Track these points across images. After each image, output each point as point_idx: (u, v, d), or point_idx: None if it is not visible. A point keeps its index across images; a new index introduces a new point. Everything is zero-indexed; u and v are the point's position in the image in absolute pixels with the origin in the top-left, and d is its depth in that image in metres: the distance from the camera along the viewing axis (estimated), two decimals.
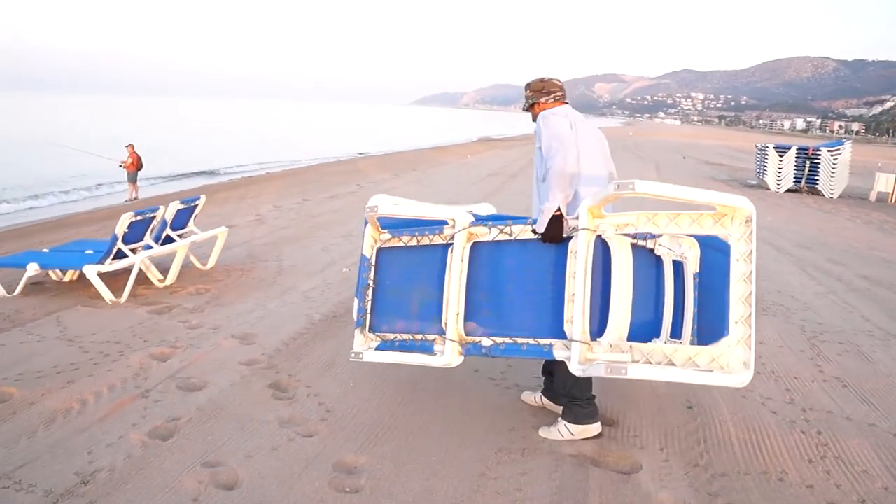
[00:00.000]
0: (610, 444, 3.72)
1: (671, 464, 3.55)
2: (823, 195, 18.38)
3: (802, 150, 18.91)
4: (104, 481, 3.23)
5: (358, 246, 8.94)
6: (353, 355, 4.06)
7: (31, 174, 23.05)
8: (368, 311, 4.17)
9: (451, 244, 3.87)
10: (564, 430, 3.79)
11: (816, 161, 18.61)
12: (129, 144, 17.76)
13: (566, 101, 4.03)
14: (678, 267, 3.72)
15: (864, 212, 15.43)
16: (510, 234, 3.76)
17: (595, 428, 3.81)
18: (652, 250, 3.65)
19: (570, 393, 3.77)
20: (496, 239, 3.80)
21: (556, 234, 3.58)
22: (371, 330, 4.15)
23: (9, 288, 6.45)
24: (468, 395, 4.31)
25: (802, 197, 17.91)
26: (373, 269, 4.19)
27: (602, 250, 3.47)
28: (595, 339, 3.37)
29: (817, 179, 18.62)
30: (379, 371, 4.63)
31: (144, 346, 5.04)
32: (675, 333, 3.66)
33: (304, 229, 10.40)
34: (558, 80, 4.06)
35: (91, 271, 6.13)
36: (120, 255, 6.41)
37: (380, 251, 4.20)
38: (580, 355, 3.34)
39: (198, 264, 7.61)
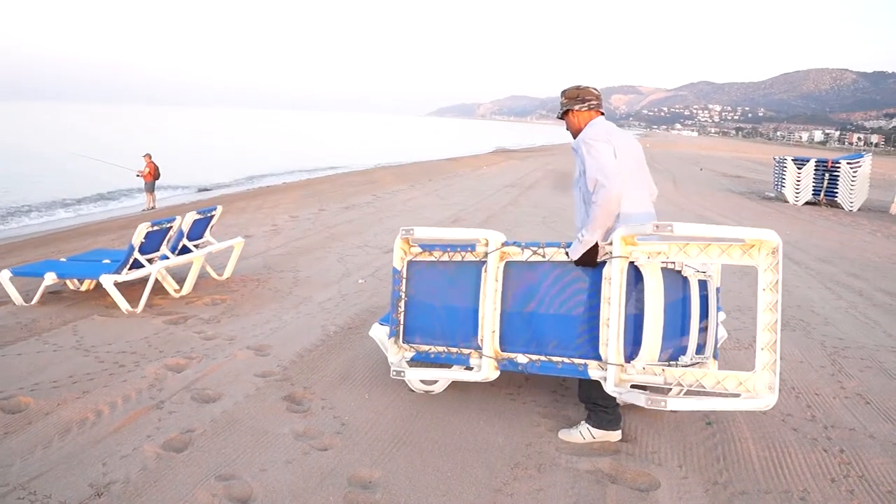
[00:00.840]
0: (628, 461, 3.67)
1: (690, 481, 3.49)
2: (843, 208, 18.21)
3: (821, 163, 18.76)
4: (118, 493, 3.21)
5: (373, 257, 8.97)
6: (393, 373, 4.13)
7: (49, 184, 23.31)
8: (401, 322, 4.24)
9: (485, 262, 3.96)
10: (586, 433, 3.85)
11: (836, 174, 18.45)
12: (147, 154, 17.93)
13: (601, 110, 4.03)
14: (703, 284, 3.83)
15: (885, 225, 15.25)
16: (543, 256, 3.84)
17: (616, 434, 3.86)
18: (679, 271, 3.74)
19: (594, 400, 3.82)
20: (529, 260, 3.88)
21: (589, 261, 3.67)
22: (404, 341, 4.25)
23: (26, 297, 6.49)
24: (484, 410, 4.26)
25: (821, 210, 17.75)
26: (404, 281, 4.26)
27: (634, 275, 3.57)
28: (629, 361, 3.51)
29: (836, 192, 18.46)
30: (394, 384, 4.60)
31: (160, 357, 5.04)
32: (698, 348, 3.88)
33: (320, 240, 10.42)
34: (595, 89, 4.04)
35: (108, 281, 6.15)
36: (136, 264, 6.42)
37: (410, 263, 4.28)
38: (615, 377, 3.50)
39: (214, 275, 7.62)
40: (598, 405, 3.82)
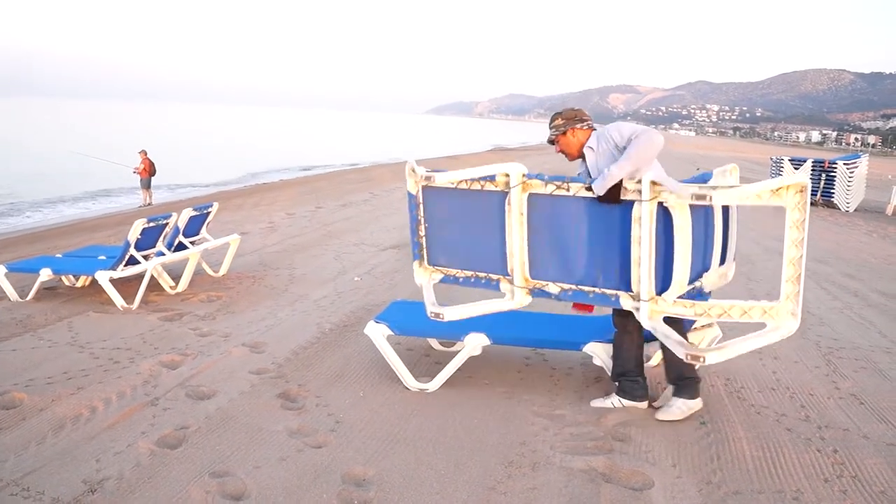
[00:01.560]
0: (622, 460, 3.67)
1: (684, 480, 3.49)
2: (839, 209, 18.24)
3: (818, 163, 18.79)
4: (111, 490, 3.21)
5: (370, 255, 8.98)
6: (431, 314, 4.21)
7: (47, 181, 23.30)
8: (424, 245, 4.32)
9: (506, 193, 4.01)
10: (684, 406, 4.15)
11: (832, 174, 18.49)
12: (142, 150, 17.92)
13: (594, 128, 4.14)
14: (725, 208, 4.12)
15: (881, 226, 15.28)
16: (567, 190, 3.91)
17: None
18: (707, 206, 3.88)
19: (683, 374, 4.12)
20: (553, 193, 3.95)
21: (613, 198, 3.76)
22: (430, 263, 4.33)
23: (21, 293, 6.48)
24: (478, 408, 4.27)
25: (818, 210, 17.78)
26: (421, 205, 4.29)
27: (662, 213, 3.71)
28: (659, 295, 3.73)
29: (833, 193, 18.49)
30: (389, 381, 4.60)
31: (155, 354, 5.03)
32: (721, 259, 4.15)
33: (317, 237, 10.41)
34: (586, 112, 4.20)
35: (103, 277, 6.15)
36: (132, 261, 6.42)
37: (426, 189, 4.28)
38: (648, 312, 3.76)
39: (210, 271, 7.62)
40: (689, 377, 4.12)
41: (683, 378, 4.14)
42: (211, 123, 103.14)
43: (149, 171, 17.73)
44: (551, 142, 4.26)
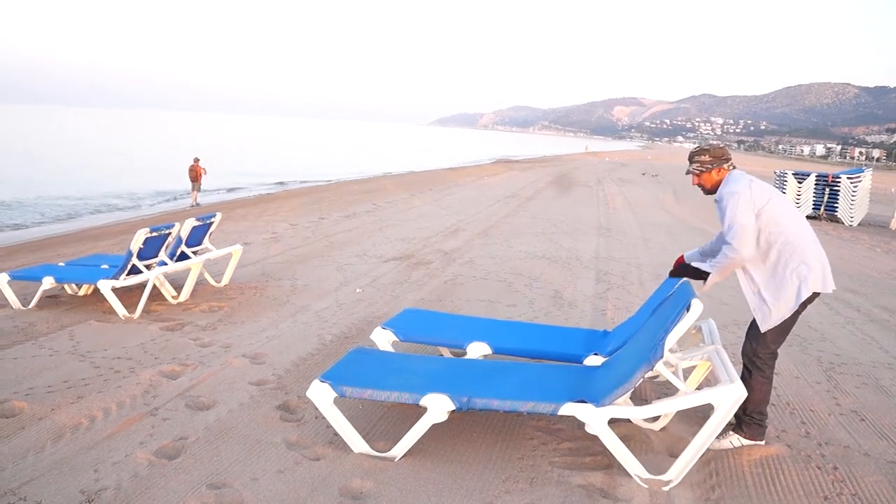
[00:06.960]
0: (619, 475, 3.66)
1: (683, 496, 3.48)
2: (843, 223, 18.21)
3: (822, 177, 18.79)
4: (109, 500, 3.20)
5: (372, 266, 8.98)
6: None
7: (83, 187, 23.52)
8: None
9: None
10: (737, 442, 4.08)
11: (836, 188, 18.48)
12: (195, 157, 19.75)
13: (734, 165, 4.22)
14: None
15: (884, 240, 15.25)
16: None
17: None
18: None
19: (746, 410, 4.05)
20: None
21: (681, 273, 4.27)
22: None
23: (24, 301, 6.49)
24: (476, 423, 4.26)
25: (821, 224, 17.75)
26: None
27: None
28: None
29: (837, 207, 18.48)
30: None
31: (155, 363, 5.03)
32: None
33: (319, 248, 10.42)
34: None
35: (105, 286, 6.16)
36: (135, 270, 6.43)
37: None
38: None
39: (212, 281, 7.62)
40: (751, 416, 4.07)
41: (747, 415, 4.04)
42: (211, 132, 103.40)
43: (190, 176, 19.55)
44: (694, 173, 4.18)
